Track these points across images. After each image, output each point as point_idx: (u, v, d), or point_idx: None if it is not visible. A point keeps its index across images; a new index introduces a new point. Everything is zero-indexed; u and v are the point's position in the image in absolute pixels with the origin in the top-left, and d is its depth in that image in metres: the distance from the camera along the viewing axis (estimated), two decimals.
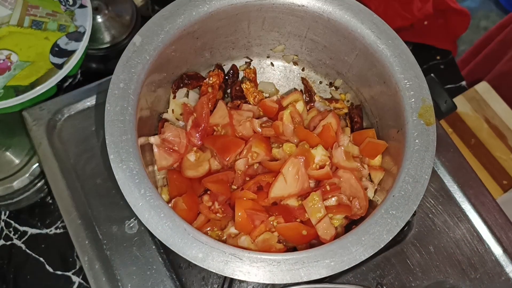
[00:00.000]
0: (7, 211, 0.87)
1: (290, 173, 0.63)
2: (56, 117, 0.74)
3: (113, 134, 0.56)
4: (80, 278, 0.84)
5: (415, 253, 0.70)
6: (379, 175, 0.68)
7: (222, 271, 0.51)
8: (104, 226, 0.68)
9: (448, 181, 0.75)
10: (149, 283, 0.65)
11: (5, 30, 0.77)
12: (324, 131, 0.69)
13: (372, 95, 0.72)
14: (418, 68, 0.63)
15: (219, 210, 0.64)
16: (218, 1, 0.65)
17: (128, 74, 0.59)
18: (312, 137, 0.68)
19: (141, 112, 0.62)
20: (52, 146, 0.72)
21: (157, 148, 0.66)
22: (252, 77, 0.77)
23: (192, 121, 0.69)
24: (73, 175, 0.71)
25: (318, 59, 0.77)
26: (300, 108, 0.72)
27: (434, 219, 0.72)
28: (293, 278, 0.51)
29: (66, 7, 0.81)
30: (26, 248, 0.85)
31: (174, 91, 0.73)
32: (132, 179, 0.54)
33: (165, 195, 0.67)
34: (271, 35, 0.74)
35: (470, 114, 1.09)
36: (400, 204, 0.56)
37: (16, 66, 0.75)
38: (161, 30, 0.62)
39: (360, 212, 0.65)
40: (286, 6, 0.68)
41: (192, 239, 0.52)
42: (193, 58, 0.72)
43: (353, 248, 0.53)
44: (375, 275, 0.69)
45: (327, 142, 0.68)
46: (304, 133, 0.68)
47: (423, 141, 0.59)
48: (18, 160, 0.83)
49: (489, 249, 0.71)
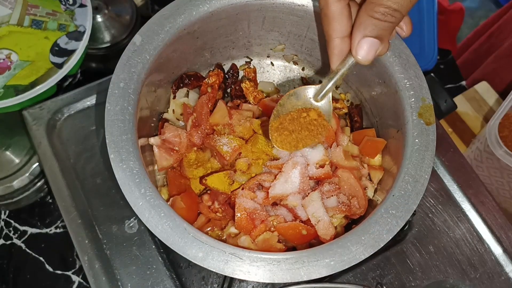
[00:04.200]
0: (7, 210, 0.88)
1: (290, 172, 0.63)
2: (56, 116, 0.74)
3: (113, 134, 0.56)
4: (80, 277, 0.84)
5: (415, 252, 0.70)
6: (378, 175, 0.68)
7: (222, 270, 0.51)
8: (104, 226, 0.68)
9: (448, 181, 0.75)
10: (149, 283, 0.65)
11: (5, 30, 0.77)
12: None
13: (372, 95, 0.72)
14: (418, 68, 0.63)
15: (219, 209, 0.64)
16: (218, 1, 0.65)
17: (128, 74, 0.59)
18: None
19: (141, 112, 0.62)
20: (52, 146, 0.72)
21: (158, 148, 0.66)
22: (252, 76, 0.77)
23: (192, 121, 0.69)
24: (73, 175, 0.71)
25: (318, 59, 0.77)
26: None
27: (434, 219, 0.72)
28: (293, 278, 0.51)
29: (66, 7, 0.81)
30: (26, 248, 0.85)
31: (174, 91, 0.73)
32: (132, 178, 0.54)
33: (164, 195, 0.67)
34: (271, 34, 0.74)
35: (470, 114, 1.09)
36: (400, 204, 0.56)
37: (16, 65, 0.75)
38: (161, 30, 0.62)
39: (360, 211, 0.65)
40: (286, 6, 0.68)
41: (192, 239, 0.52)
42: (193, 58, 0.72)
43: (353, 248, 0.53)
44: (375, 274, 0.69)
45: (326, 142, 0.68)
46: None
47: (423, 140, 0.59)
48: (18, 160, 0.84)
49: (489, 249, 0.71)
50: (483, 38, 1.31)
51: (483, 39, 1.31)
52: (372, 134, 0.71)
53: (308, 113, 0.57)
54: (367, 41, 0.47)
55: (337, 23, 0.49)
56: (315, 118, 0.57)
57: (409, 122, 0.61)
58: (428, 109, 0.61)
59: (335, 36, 0.50)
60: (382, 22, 0.45)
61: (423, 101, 0.62)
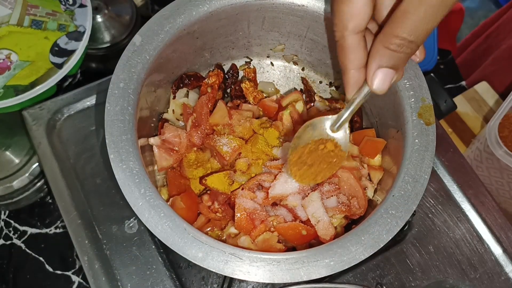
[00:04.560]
0: (7, 210, 0.88)
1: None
2: (56, 116, 0.74)
3: (113, 134, 0.56)
4: (79, 277, 0.84)
5: (415, 253, 0.70)
6: (378, 175, 0.68)
7: (222, 270, 0.51)
8: (104, 226, 0.68)
9: (448, 181, 0.75)
10: (149, 283, 0.65)
11: (5, 30, 0.77)
12: None
13: (371, 95, 0.72)
14: (418, 68, 0.63)
15: (219, 209, 0.64)
16: (218, 1, 0.65)
17: (128, 74, 0.59)
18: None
19: (141, 112, 0.62)
20: (52, 146, 0.72)
21: (157, 148, 0.66)
22: (252, 76, 0.77)
23: (192, 121, 0.69)
24: (73, 175, 0.71)
25: (318, 59, 0.77)
26: (300, 108, 0.72)
27: (433, 219, 0.72)
28: (293, 278, 0.51)
29: (66, 7, 0.81)
30: (25, 248, 0.85)
31: (174, 91, 0.73)
32: (132, 178, 0.54)
33: (164, 195, 0.67)
34: (271, 35, 0.74)
35: (470, 114, 1.08)
36: (399, 204, 0.56)
37: (16, 65, 0.75)
38: (161, 30, 0.62)
39: (359, 211, 0.65)
40: (286, 6, 0.68)
41: (192, 239, 0.52)
42: (193, 58, 0.72)
43: (353, 248, 0.53)
44: (374, 275, 0.69)
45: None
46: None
47: (423, 140, 0.59)
48: (17, 160, 0.84)
49: (489, 249, 0.71)
50: (481, 39, 1.31)
51: (481, 40, 1.31)
52: (372, 134, 0.71)
53: (325, 144, 0.55)
54: (382, 71, 0.47)
55: (353, 55, 0.49)
56: (332, 150, 0.55)
57: (409, 122, 0.61)
58: (428, 109, 0.61)
59: (351, 67, 0.50)
60: (397, 53, 0.45)
61: (423, 101, 0.62)
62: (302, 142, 0.55)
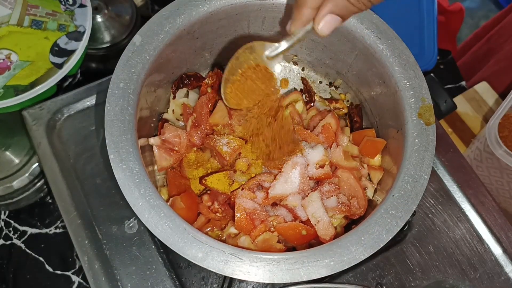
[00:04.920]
0: (7, 210, 0.88)
1: (290, 173, 0.63)
2: (56, 116, 0.74)
3: (113, 134, 0.56)
4: (79, 277, 0.84)
5: (415, 253, 0.70)
6: (378, 175, 0.68)
7: (222, 270, 0.51)
8: (104, 226, 0.68)
9: (448, 181, 0.75)
10: (149, 283, 0.65)
11: (5, 30, 0.77)
12: (323, 131, 0.69)
13: (371, 95, 0.72)
14: (418, 68, 0.63)
15: (219, 209, 0.64)
16: (218, 1, 0.65)
17: (128, 74, 0.59)
18: (311, 137, 0.68)
19: (141, 112, 0.62)
20: (52, 146, 0.72)
21: (157, 148, 0.66)
22: None
23: (192, 121, 0.69)
24: (73, 175, 0.71)
25: (318, 59, 0.77)
26: (300, 108, 0.72)
27: (433, 219, 0.72)
28: (293, 278, 0.51)
29: (66, 7, 0.81)
30: (25, 248, 0.85)
31: (174, 91, 0.73)
32: (132, 178, 0.54)
33: (164, 195, 0.67)
34: (271, 35, 0.74)
35: (470, 114, 1.09)
36: (399, 204, 0.56)
37: (16, 65, 0.75)
38: (161, 30, 0.62)
39: (359, 211, 0.65)
40: (286, 6, 0.68)
41: (192, 239, 0.52)
42: (193, 58, 0.72)
43: (353, 248, 0.53)
44: (374, 275, 0.69)
45: (326, 142, 0.68)
46: (304, 133, 0.68)
47: (423, 141, 0.59)
48: (17, 160, 0.84)
49: (489, 249, 0.71)
50: (482, 41, 1.31)
51: (482, 42, 1.31)
52: (372, 134, 0.71)
53: (258, 68, 0.61)
54: (332, 16, 0.51)
55: None
56: (262, 72, 0.61)
57: (409, 122, 0.61)
58: (428, 109, 0.61)
59: (308, 6, 0.53)
60: (352, 6, 0.49)
61: (423, 101, 0.62)
62: (239, 64, 0.60)
